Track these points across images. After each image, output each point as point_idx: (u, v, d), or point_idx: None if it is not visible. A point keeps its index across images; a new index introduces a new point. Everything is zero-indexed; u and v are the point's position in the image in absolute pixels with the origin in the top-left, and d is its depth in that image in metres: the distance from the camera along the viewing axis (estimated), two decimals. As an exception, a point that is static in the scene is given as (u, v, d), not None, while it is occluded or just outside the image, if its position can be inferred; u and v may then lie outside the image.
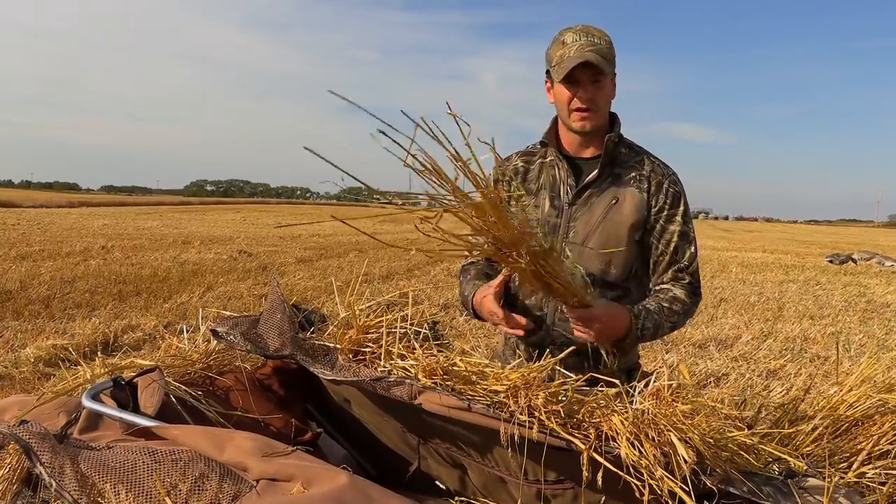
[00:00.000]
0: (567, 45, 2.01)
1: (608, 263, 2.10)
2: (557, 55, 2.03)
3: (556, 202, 2.14)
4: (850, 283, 10.29)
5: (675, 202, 2.10)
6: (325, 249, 12.07)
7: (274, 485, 1.27)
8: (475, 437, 1.65)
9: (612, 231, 2.08)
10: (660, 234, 2.11)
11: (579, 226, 2.10)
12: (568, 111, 2.07)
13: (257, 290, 6.56)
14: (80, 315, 5.04)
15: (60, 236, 12.46)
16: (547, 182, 2.17)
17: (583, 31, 2.03)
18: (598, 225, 2.08)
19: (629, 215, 2.08)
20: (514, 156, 2.27)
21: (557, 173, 2.16)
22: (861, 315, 7.06)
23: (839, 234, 45.09)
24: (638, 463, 1.37)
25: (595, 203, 2.10)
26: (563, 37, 2.04)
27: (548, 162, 2.19)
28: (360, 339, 1.81)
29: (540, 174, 2.19)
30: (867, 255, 15.14)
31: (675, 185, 2.12)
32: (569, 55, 2.00)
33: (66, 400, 1.69)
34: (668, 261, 2.10)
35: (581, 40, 2.01)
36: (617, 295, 2.12)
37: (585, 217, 2.10)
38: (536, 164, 2.21)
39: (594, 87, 2.03)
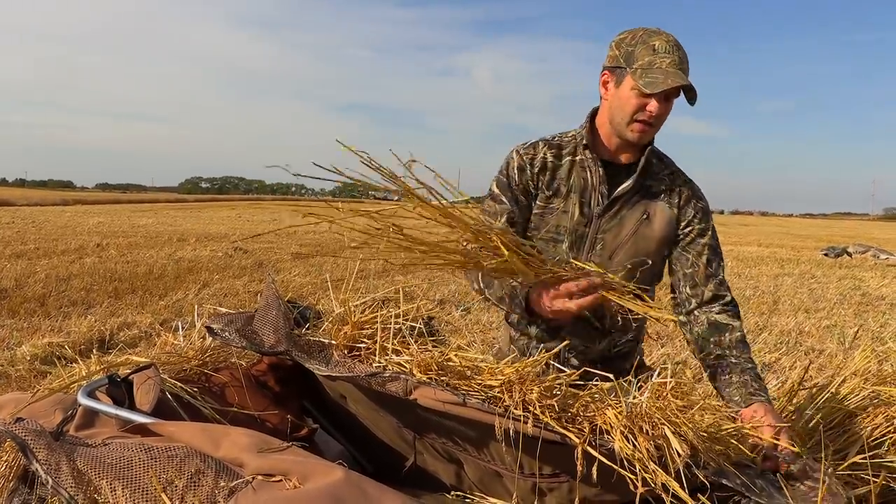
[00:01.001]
0: (658, 54, 1.88)
1: (633, 277, 2.04)
2: (645, 60, 1.89)
3: (585, 210, 2.05)
4: (846, 277, 10.33)
5: (704, 216, 2.09)
6: (321, 246, 12.07)
7: (270, 480, 1.28)
8: (471, 432, 1.65)
9: (642, 247, 2.05)
10: (692, 247, 2.08)
11: (608, 238, 2.05)
12: (630, 119, 1.95)
13: (253, 287, 6.56)
14: (75, 313, 5.03)
15: (55, 234, 12.43)
16: (577, 185, 2.06)
17: (674, 44, 1.90)
18: (628, 240, 2.04)
19: (659, 231, 2.05)
20: (540, 144, 2.11)
21: (590, 178, 2.05)
22: (856, 308, 7.09)
23: (834, 228, 45.19)
24: (632, 456, 1.38)
25: (626, 216, 2.05)
26: (653, 41, 1.90)
27: (578, 161, 2.07)
28: (355, 334, 1.82)
29: (570, 174, 2.07)
30: (862, 249, 15.18)
31: (702, 200, 2.11)
32: (661, 67, 1.87)
33: (62, 397, 1.69)
34: (705, 274, 2.06)
35: (673, 55, 1.88)
36: None
37: (615, 230, 2.05)
38: (566, 162, 2.08)
39: (666, 104, 1.94)
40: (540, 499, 1.67)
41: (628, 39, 1.94)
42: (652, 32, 1.92)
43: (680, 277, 2.10)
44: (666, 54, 1.88)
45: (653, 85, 1.85)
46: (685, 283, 2.08)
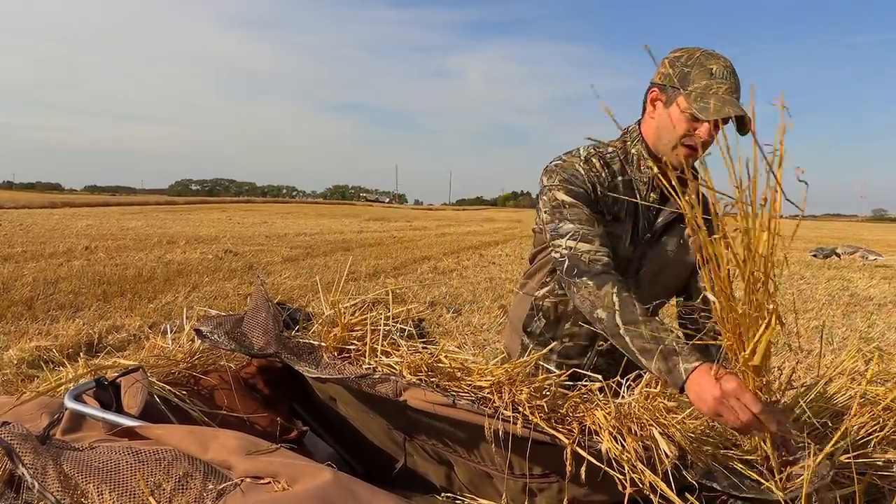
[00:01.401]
0: (715, 79, 1.80)
1: (667, 299, 2.12)
2: (702, 84, 1.80)
3: (634, 236, 1.99)
4: (834, 277, 10.38)
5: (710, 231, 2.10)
6: (312, 248, 12.04)
7: (258, 483, 1.27)
8: (460, 433, 1.65)
9: (681, 270, 2.06)
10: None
11: (651, 265, 2.02)
12: (677, 142, 1.85)
13: (243, 290, 6.53)
14: (63, 316, 4.99)
15: (43, 237, 12.35)
16: (630, 209, 1.98)
17: (730, 68, 1.81)
18: (670, 265, 2.03)
19: (694, 256, 2.03)
20: (595, 161, 1.97)
21: (640, 200, 1.98)
22: (844, 308, 7.12)
23: (824, 229, 45.43)
24: (620, 457, 1.39)
25: (667, 241, 2.03)
26: (710, 64, 1.81)
27: (626, 182, 1.98)
28: (344, 336, 1.82)
29: (624, 196, 1.98)
30: (851, 249, 15.26)
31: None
32: (717, 94, 1.78)
33: (49, 401, 1.68)
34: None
35: (730, 81, 1.79)
36: None
37: (657, 256, 2.02)
38: (619, 182, 1.98)
39: (717, 130, 1.81)
40: (530, 499, 1.68)
41: (684, 59, 1.85)
42: (709, 55, 1.83)
43: (694, 292, 2.11)
44: (723, 80, 1.79)
45: (707, 111, 1.75)
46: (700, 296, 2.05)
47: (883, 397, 1.84)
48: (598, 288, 1.72)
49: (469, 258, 11.30)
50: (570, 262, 1.81)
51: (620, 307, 1.66)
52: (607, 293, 1.70)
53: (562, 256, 1.84)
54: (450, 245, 14.30)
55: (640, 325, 1.63)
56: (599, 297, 1.71)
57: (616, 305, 1.67)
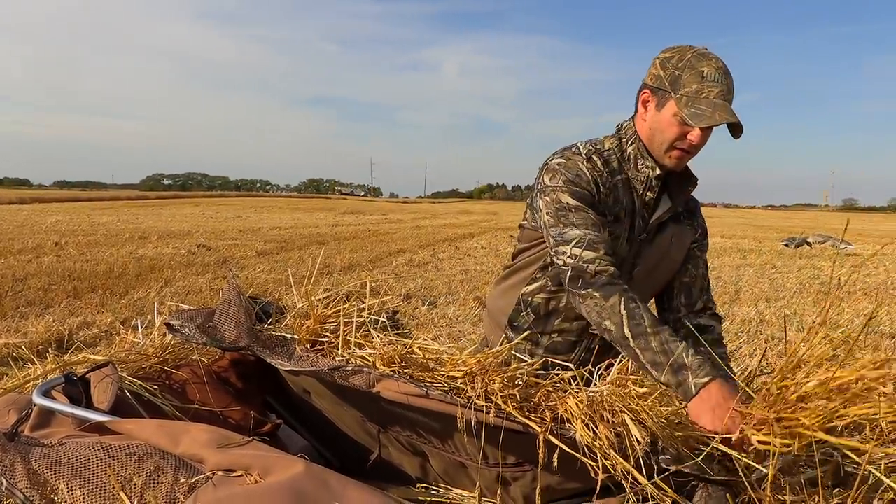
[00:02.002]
0: (706, 82, 1.76)
1: (652, 295, 2.13)
2: (692, 88, 1.76)
3: (631, 235, 1.99)
4: (805, 266, 10.53)
5: (704, 232, 2.15)
6: (286, 242, 11.97)
7: (230, 476, 1.27)
8: (434, 424, 1.66)
9: (668, 269, 2.07)
10: (693, 261, 2.11)
11: (644, 262, 2.03)
12: (669, 145, 1.84)
13: (217, 284, 6.48)
14: (33, 313, 4.92)
15: (11, 234, 12.15)
16: (628, 209, 1.97)
17: (723, 70, 1.77)
18: (660, 263, 2.05)
19: (680, 252, 2.07)
20: (596, 159, 1.93)
21: (636, 200, 1.97)
22: (815, 297, 7.24)
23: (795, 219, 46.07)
24: (592, 444, 1.40)
25: (658, 240, 2.03)
26: (701, 66, 1.77)
27: (624, 181, 1.96)
28: (317, 328, 1.81)
29: (623, 196, 1.95)
30: (821, 239, 15.50)
31: (701, 215, 2.15)
32: (708, 98, 1.75)
33: (17, 397, 1.66)
34: (700, 286, 2.11)
35: (722, 84, 1.75)
36: None
37: (651, 255, 2.03)
38: (619, 181, 1.95)
39: (707, 132, 1.82)
40: (504, 488, 1.69)
41: (674, 61, 1.81)
42: (701, 56, 1.79)
43: (675, 287, 2.11)
44: (714, 83, 1.75)
45: (699, 118, 1.74)
46: (680, 291, 2.10)
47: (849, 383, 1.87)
48: (605, 300, 1.72)
49: (444, 251, 11.31)
50: (575, 272, 1.79)
51: (628, 319, 1.67)
52: (614, 305, 1.70)
53: (565, 265, 1.82)
54: (425, 238, 14.30)
55: (649, 337, 1.64)
56: (606, 309, 1.71)
57: (624, 317, 1.68)
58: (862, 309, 6.36)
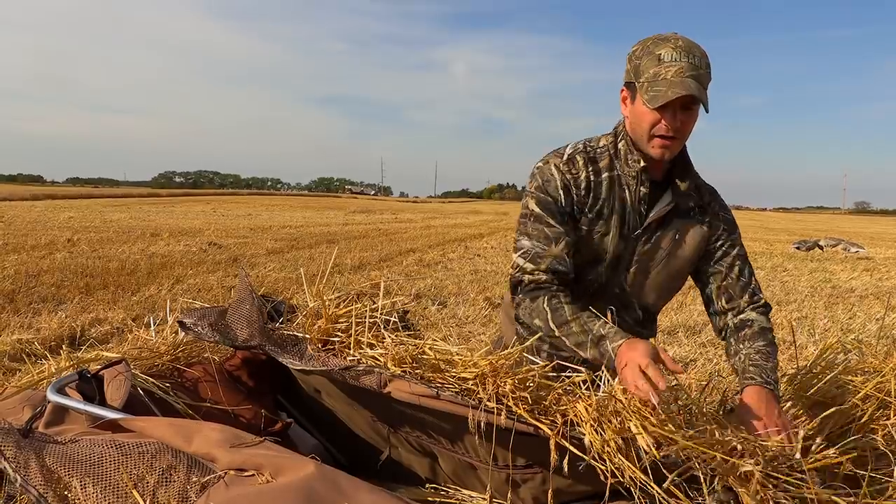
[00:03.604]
0: (663, 64, 1.75)
1: (663, 296, 2.06)
2: (650, 72, 1.76)
3: (624, 231, 1.96)
4: (817, 269, 10.47)
5: (732, 227, 2.05)
6: (297, 240, 12.00)
7: (242, 475, 1.27)
8: (445, 425, 1.66)
9: (674, 267, 2.00)
10: (724, 259, 2.01)
11: (644, 260, 1.99)
12: (648, 136, 1.83)
13: (228, 282, 6.50)
14: (45, 309, 4.95)
15: (24, 229, 12.23)
16: (618, 206, 1.95)
17: (683, 48, 1.76)
18: (662, 261, 1.99)
19: (690, 251, 2.00)
20: (578, 159, 1.96)
21: (629, 197, 1.94)
22: (826, 300, 7.19)
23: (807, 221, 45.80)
24: (601, 449, 1.40)
25: (660, 237, 1.98)
26: (660, 50, 1.77)
27: (615, 178, 1.95)
28: (329, 328, 1.82)
29: (610, 193, 1.95)
30: (833, 242, 15.40)
31: (726, 210, 2.06)
32: (665, 78, 1.73)
33: (31, 394, 1.68)
34: (740, 285, 2.00)
35: (681, 61, 1.73)
36: (653, 316, 2.13)
37: (650, 251, 1.98)
38: (605, 179, 1.95)
39: (684, 114, 1.79)
40: (513, 490, 1.68)
41: (638, 52, 1.82)
42: (660, 40, 1.79)
43: (713, 290, 2.03)
44: (672, 62, 1.74)
45: (655, 99, 1.74)
46: (720, 296, 2.01)
47: (861, 387, 1.87)
48: (532, 301, 1.88)
49: (454, 250, 11.31)
50: (514, 281, 1.94)
51: (552, 313, 1.82)
52: (539, 304, 1.86)
53: (511, 271, 1.96)
54: (435, 237, 14.30)
55: (570, 323, 1.79)
56: (534, 310, 1.87)
57: (548, 313, 1.83)
58: (874, 313, 6.32)
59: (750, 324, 1.96)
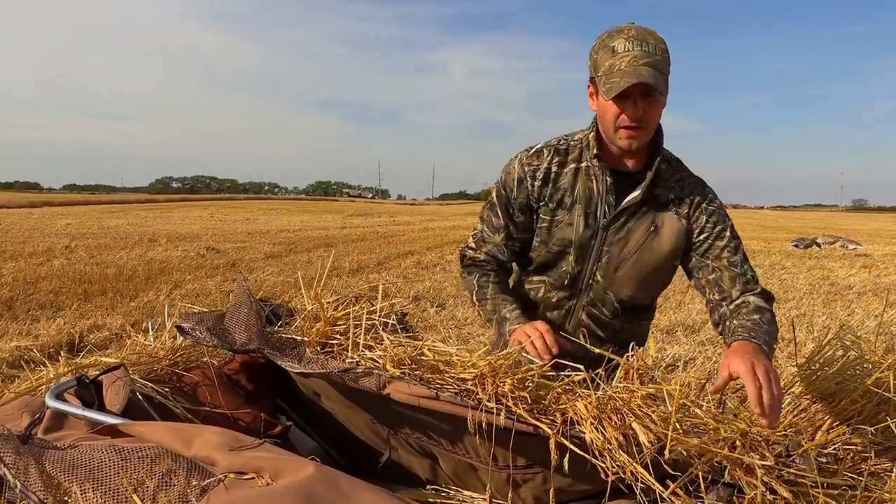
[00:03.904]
0: (617, 55, 1.77)
1: (640, 289, 2.02)
2: (606, 65, 1.79)
3: (590, 221, 1.96)
4: (815, 267, 10.49)
5: (718, 218, 1.97)
6: (295, 244, 12.00)
7: (242, 478, 1.27)
8: (444, 426, 1.66)
9: (649, 259, 1.97)
10: (711, 252, 1.95)
11: (614, 251, 1.97)
12: (614, 127, 1.84)
13: (226, 287, 6.50)
14: (44, 316, 4.95)
15: (22, 237, 12.22)
16: (582, 195, 1.95)
17: (636, 37, 1.77)
18: (634, 253, 1.96)
19: (667, 244, 1.96)
20: (545, 151, 2.00)
21: (595, 187, 1.95)
22: (825, 297, 7.20)
23: (804, 219, 45.88)
24: (602, 447, 1.40)
25: (632, 228, 1.96)
26: (613, 42, 1.79)
27: (583, 169, 1.96)
28: (327, 331, 1.82)
29: (574, 183, 1.96)
30: (831, 239, 15.42)
31: (713, 203, 1.99)
32: (619, 68, 1.75)
33: (30, 400, 1.67)
34: (730, 276, 1.93)
35: (634, 50, 1.75)
36: (641, 312, 2.11)
37: (621, 243, 1.96)
38: (570, 170, 1.97)
39: (645, 101, 1.80)
40: (514, 490, 1.68)
41: (595, 46, 1.85)
42: (614, 33, 1.82)
43: (704, 285, 1.97)
44: (625, 52, 1.76)
45: (610, 91, 1.76)
46: (712, 290, 1.95)
47: (861, 383, 1.87)
48: (469, 275, 2.12)
49: (453, 252, 11.32)
50: (461, 254, 2.19)
51: (478, 289, 2.06)
52: (470, 280, 2.10)
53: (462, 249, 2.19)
54: (433, 240, 14.31)
55: (487, 301, 2.03)
56: (467, 283, 2.12)
57: (475, 287, 2.06)
58: (873, 310, 6.33)
59: (746, 304, 1.88)
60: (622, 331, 2.08)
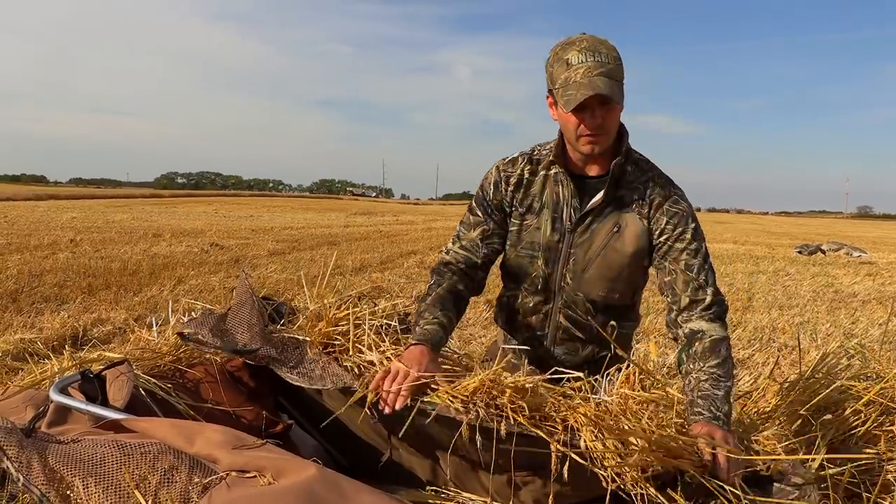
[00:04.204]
0: (572, 67, 1.82)
1: (610, 290, 2.04)
2: (562, 78, 1.84)
3: (557, 225, 2.02)
4: (819, 274, 10.46)
5: (680, 220, 1.96)
6: (298, 242, 12.01)
7: (244, 477, 1.28)
8: (445, 429, 1.66)
9: (614, 260, 2.00)
10: (669, 255, 1.96)
11: (580, 253, 2.01)
12: (576, 136, 1.90)
13: (229, 283, 6.51)
14: (48, 309, 4.96)
15: (28, 229, 12.25)
16: (550, 201, 2.03)
17: (589, 48, 1.82)
18: (599, 253, 2.00)
19: (630, 244, 1.99)
20: (520, 159, 2.08)
21: (561, 192, 2.02)
22: (829, 305, 7.18)
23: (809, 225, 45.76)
24: (601, 455, 1.40)
25: (596, 230, 2.00)
26: (567, 55, 1.84)
27: (552, 177, 2.04)
28: (329, 331, 1.82)
29: (543, 190, 2.04)
30: (836, 246, 15.38)
31: (677, 205, 1.99)
32: (575, 80, 1.80)
33: (34, 394, 1.68)
34: (684, 280, 1.92)
35: (588, 62, 1.80)
36: (620, 313, 2.11)
37: (586, 244, 2.01)
38: (540, 177, 2.05)
39: (603, 110, 1.85)
40: (514, 493, 1.68)
41: (550, 59, 1.90)
42: (567, 45, 1.86)
43: (661, 287, 2.00)
44: (580, 64, 1.81)
45: (568, 103, 1.81)
46: (666, 292, 1.97)
47: (864, 392, 1.86)
48: (431, 277, 2.09)
49: (456, 253, 11.29)
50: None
51: (427, 292, 2.03)
52: (429, 280, 2.08)
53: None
54: (437, 239, 14.30)
55: (421, 306, 1.96)
56: (427, 284, 2.08)
57: (426, 290, 2.04)
58: (877, 318, 6.31)
59: (700, 336, 1.87)
60: (600, 332, 2.09)
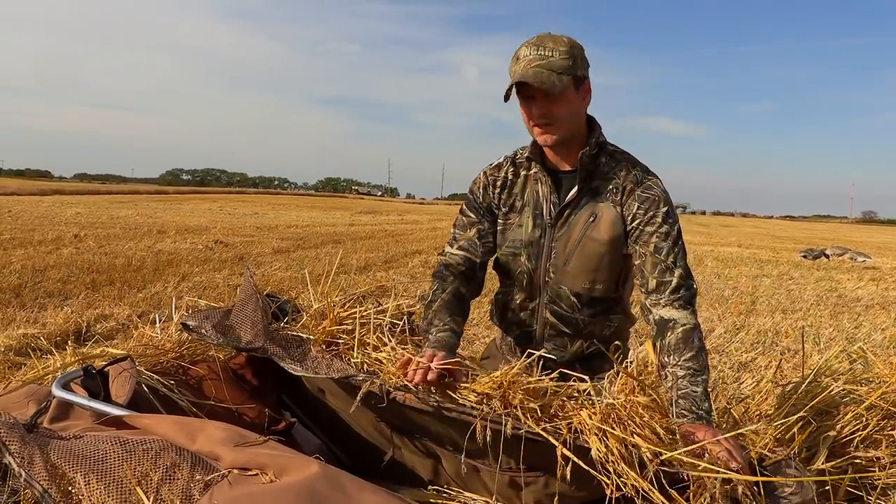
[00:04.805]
0: (519, 61, 1.91)
1: (592, 281, 2.04)
2: (511, 71, 1.93)
3: (538, 221, 2.08)
4: (823, 278, 10.44)
5: (651, 205, 1.97)
6: (303, 240, 12.03)
7: (246, 474, 1.27)
8: (449, 428, 1.66)
9: (592, 249, 2.01)
10: (640, 239, 1.97)
11: (559, 246, 2.05)
12: (530, 127, 1.99)
13: (233, 281, 6.52)
14: (51, 304, 4.97)
15: (32, 224, 12.28)
16: (531, 199, 2.09)
17: (535, 44, 1.90)
18: (577, 244, 2.02)
19: (605, 232, 2.00)
20: (504, 163, 2.16)
21: (540, 189, 2.08)
22: (832, 309, 7.17)
23: (814, 230, 45.68)
24: (605, 458, 1.40)
25: (573, 222, 2.03)
26: (519, 51, 1.93)
27: (532, 175, 2.10)
28: (333, 330, 1.82)
29: (524, 189, 2.11)
30: (840, 251, 15.35)
31: (650, 190, 1.99)
32: (516, 72, 1.89)
33: (36, 389, 1.68)
34: (652, 262, 1.93)
35: (531, 55, 1.89)
36: (607, 306, 2.11)
37: (565, 237, 2.04)
38: (522, 177, 2.12)
39: (548, 100, 1.91)
40: (517, 493, 1.68)
41: (512, 59, 1.97)
42: (524, 42, 1.94)
43: (634, 273, 2.02)
44: (524, 58, 1.89)
45: (505, 94, 1.90)
46: (637, 276, 1.99)
47: (866, 396, 1.86)
48: (433, 280, 2.13)
49: (460, 253, 11.29)
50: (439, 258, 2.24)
51: (430, 297, 2.05)
52: (431, 286, 2.10)
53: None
54: (441, 239, 14.30)
55: (429, 313, 1.98)
56: (428, 288, 2.12)
57: (430, 296, 2.06)
58: (880, 323, 6.30)
59: (672, 325, 1.87)
60: (586, 325, 2.11)
